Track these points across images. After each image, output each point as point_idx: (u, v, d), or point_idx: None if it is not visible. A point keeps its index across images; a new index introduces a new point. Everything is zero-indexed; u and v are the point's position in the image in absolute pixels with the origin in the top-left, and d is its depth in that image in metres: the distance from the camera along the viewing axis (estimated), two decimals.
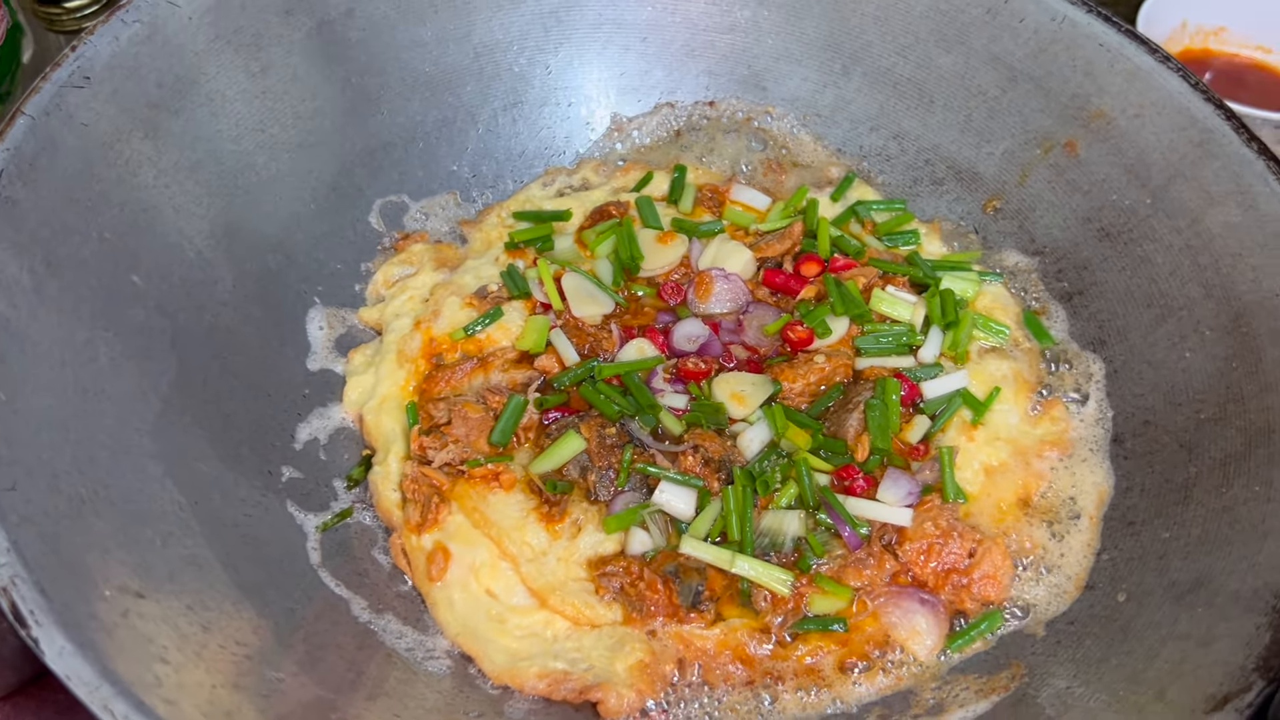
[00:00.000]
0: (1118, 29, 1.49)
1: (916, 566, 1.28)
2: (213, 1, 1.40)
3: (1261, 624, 1.05)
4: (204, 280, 1.36)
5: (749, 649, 1.23)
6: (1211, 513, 1.22)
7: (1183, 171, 1.42)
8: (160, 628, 1.04)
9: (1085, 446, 1.39)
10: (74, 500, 1.07)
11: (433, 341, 1.44)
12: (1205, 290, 1.37)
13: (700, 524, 1.29)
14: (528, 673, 1.21)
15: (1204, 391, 1.32)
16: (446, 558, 1.27)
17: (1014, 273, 1.56)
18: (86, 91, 1.28)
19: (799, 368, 1.41)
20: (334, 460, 1.40)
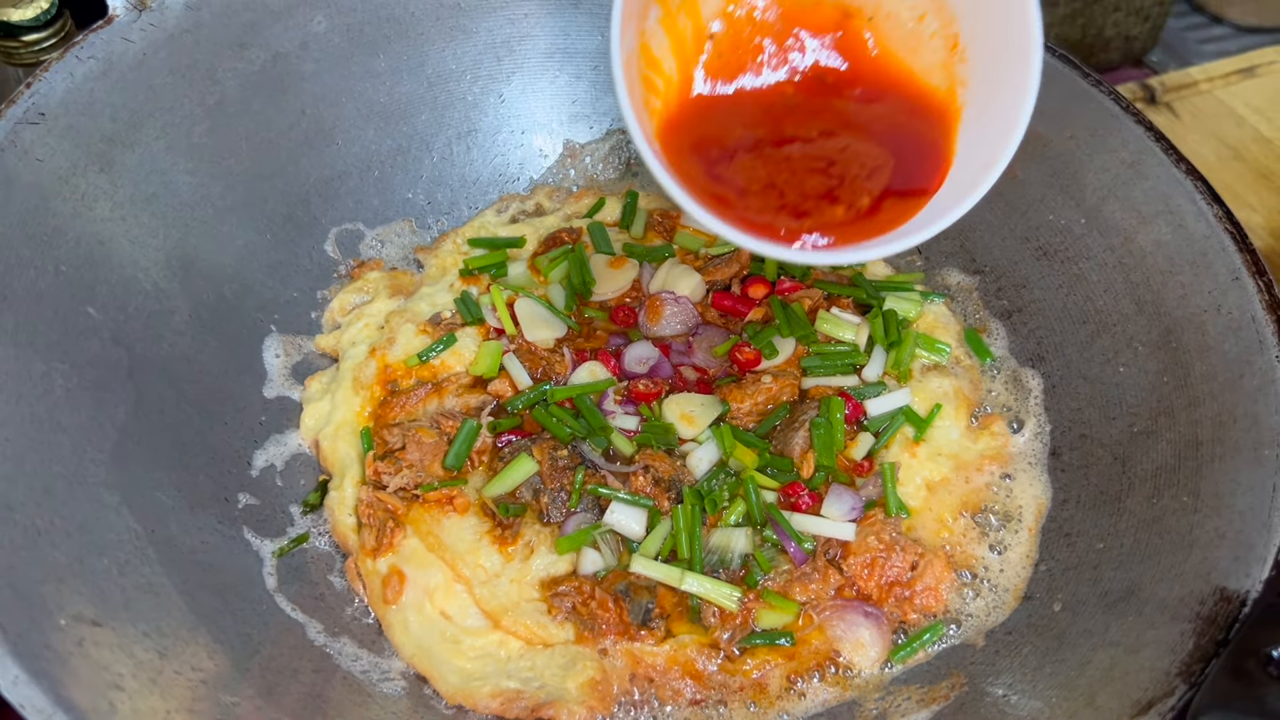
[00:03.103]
0: (1052, 54, 1.54)
1: (861, 580, 1.31)
2: (166, 37, 1.42)
3: (1186, 630, 1.09)
4: (160, 310, 1.38)
5: (698, 664, 1.26)
6: (1142, 523, 1.26)
7: (1115, 192, 1.47)
8: (116, 655, 1.06)
9: (1024, 460, 1.43)
10: (30, 531, 1.09)
11: (388, 368, 1.46)
12: (1137, 307, 1.41)
13: (650, 543, 1.32)
14: (481, 692, 1.23)
15: (1137, 405, 1.36)
16: (401, 581, 1.30)
17: (955, 291, 1.61)
18: (41, 127, 1.30)
19: (747, 388, 1.44)
20: (290, 486, 1.42)
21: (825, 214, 1.16)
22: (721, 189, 1.15)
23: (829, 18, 1.22)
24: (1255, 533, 1.13)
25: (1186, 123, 2.28)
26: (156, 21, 1.41)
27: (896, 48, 1.23)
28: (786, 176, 1.17)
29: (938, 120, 1.21)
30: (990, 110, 1.19)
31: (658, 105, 1.19)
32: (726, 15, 1.20)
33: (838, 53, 1.23)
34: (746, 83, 1.22)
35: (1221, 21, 2.74)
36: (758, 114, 1.19)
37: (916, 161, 1.19)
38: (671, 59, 1.19)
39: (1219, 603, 1.09)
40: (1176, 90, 2.34)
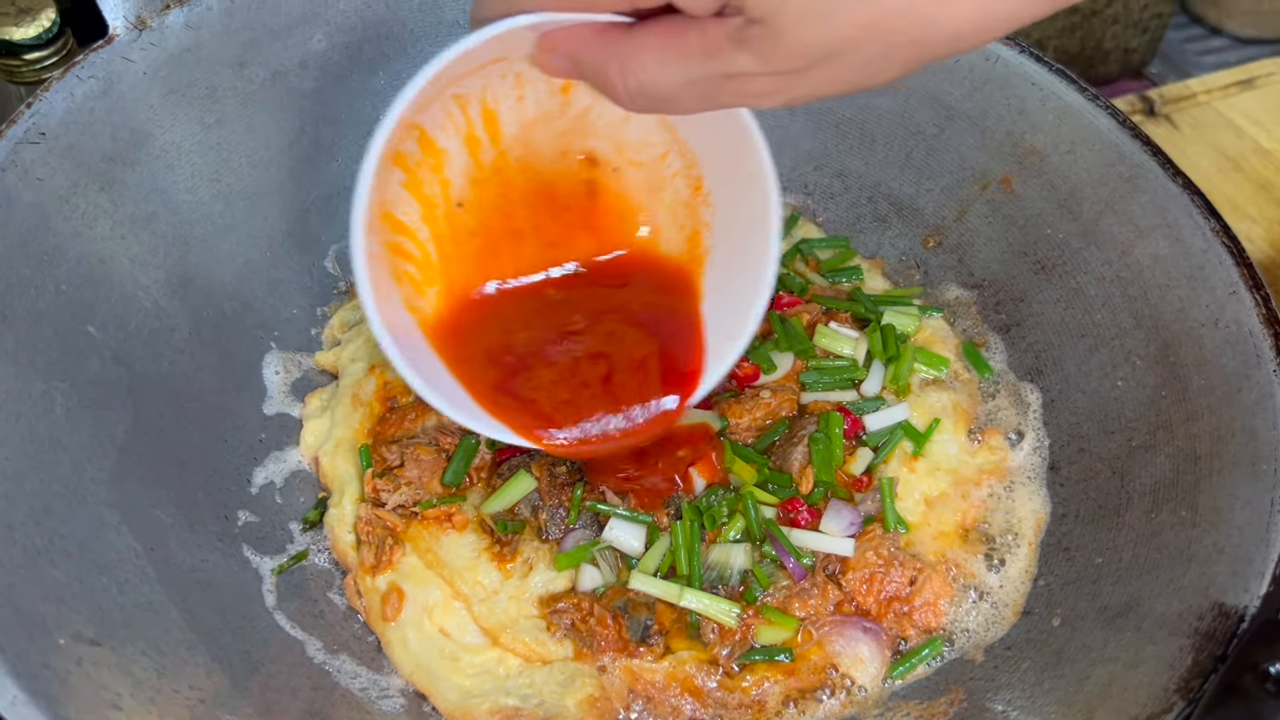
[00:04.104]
0: (1049, 68, 1.55)
1: (859, 595, 1.31)
2: (166, 56, 1.43)
3: (1185, 646, 1.09)
4: (160, 329, 1.39)
5: (697, 681, 1.26)
6: (1141, 537, 1.26)
7: (1112, 205, 1.47)
8: (114, 674, 1.06)
9: (1023, 474, 1.43)
10: (29, 550, 1.09)
11: (387, 385, 1.47)
12: (1135, 320, 1.42)
13: (649, 559, 1.32)
14: (480, 709, 1.23)
15: (1135, 419, 1.37)
16: (401, 598, 1.30)
17: (954, 306, 1.61)
18: (42, 147, 1.31)
19: (745, 403, 1.45)
20: (290, 503, 1.42)
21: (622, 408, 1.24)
22: (517, 399, 1.21)
23: (577, 175, 1.23)
24: (1253, 547, 1.13)
25: (1186, 134, 2.29)
26: (157, 41, 1.42)
27: (641, 194, 1.25)
28: (573, 382, 1.23)
29: (684, 288, 1.25)
30: (738, 251, 1.21)
31: (422, 294, 1.21)
32: (474, 180, 1.21)
33: (588, 231, 1.26)
34: (511, 277, 1.25)
35: (1220, 33, 2.75)
36: (531, 316, 1.24)
37: (676, 336, 1.24)
38: (425, 227, 1.20)
39: (1217, 618, 1.09)
40: (1176, 102, 2.35)
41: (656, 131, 1.20)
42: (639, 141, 1.21)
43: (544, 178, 1.22)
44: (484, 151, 1.18)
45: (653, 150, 1.22)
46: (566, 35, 0.97)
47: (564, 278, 1.25)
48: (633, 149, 1.21)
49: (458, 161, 1.18)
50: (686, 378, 1.24)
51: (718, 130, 1.12)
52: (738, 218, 1.19)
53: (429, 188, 1.18)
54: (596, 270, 1.26)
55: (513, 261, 1.24)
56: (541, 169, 1.21)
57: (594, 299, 1.25)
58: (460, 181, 1.19)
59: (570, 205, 1.24)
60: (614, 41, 0.93)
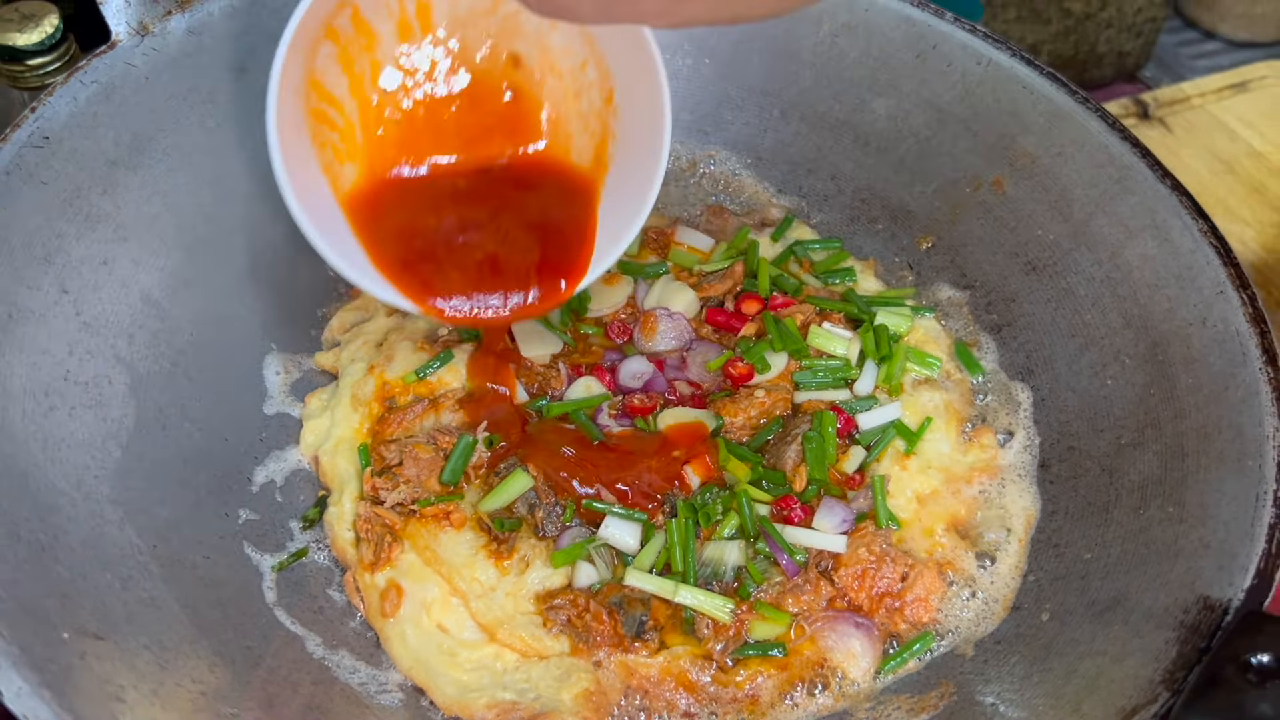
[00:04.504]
0: (1039, 71, 1.57)
1: (852, 591, 1.33)
2: (168, 61, 1.45)
3: (1170, 639, 1.11)
4: (162, 330, 1.41)
5: (691, 675, 1.28)
6: (1129, 534, 1.28)
7: (1102, 207, 1.49)
8: (118, 668, 1.08)
9: (1014, 472, 1.45)
10: (34, 547, 1.11)
11: (386, 385, 1.48)
12: (1125, 320, 1.43)
13: (645, 556, 1.33)
14: (477, 703, 1.25)
15: (1124, 417, 1.38)
16: (399, 594, 1.32)
17: (946, 306, 1.63)
18: (45, 150, 1.33)
19: (740, 402, 1.46)
20: (290, 502, 1.44)
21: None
22: (417, 273, 1.29)
23: (501, 78, 1.33)
24: (1239, 542, 1.15)
25: (1180, 137, 2.31)
26: (158, 46, 1.44)
27: (558, 103, 1.34)
28: (468, 264, 1.31)
29: (584, 194, 1.34)
30: (634, 163, 1.30)
31: (343, 163, 1.29)
32: (400, 66, 1.29)
33: (505, 134, 1.35)
34: (428, 160, 1.33)
35: (1214, 37, 2.77)
36: (441, 201, 1.33)
37: (569, 235, 1.33)
38: (351, 100, 1.27)
39: (1202, 611, 1.11)
40: (1169, 105, 2.36)
41: (578, 42, 1.29)
42: (561, 49, 1.31)
43: (471, 74, 1.31)
44: (415, 39, 1.27)
45: (573, 59, 1.30)
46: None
47: (475, 172, 1.34)
48: (556, 54, 1.31)
49: (388, 46, 1.26)
50: (572, 271, 1.32)
51: (627, 47, 1.23)
52: (638, 132, 1.28)
53: (359, 65, 1.26)
54: (506, 170, 1.35)
55: (431, 151, 1.32)
56: (470, 66, 1.31)
57: (499, 196, 1.34)
58: (389, 67, 1.28)
59: (491, 107, 1.33)
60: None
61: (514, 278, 1.31)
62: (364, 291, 1.28)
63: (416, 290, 1.26)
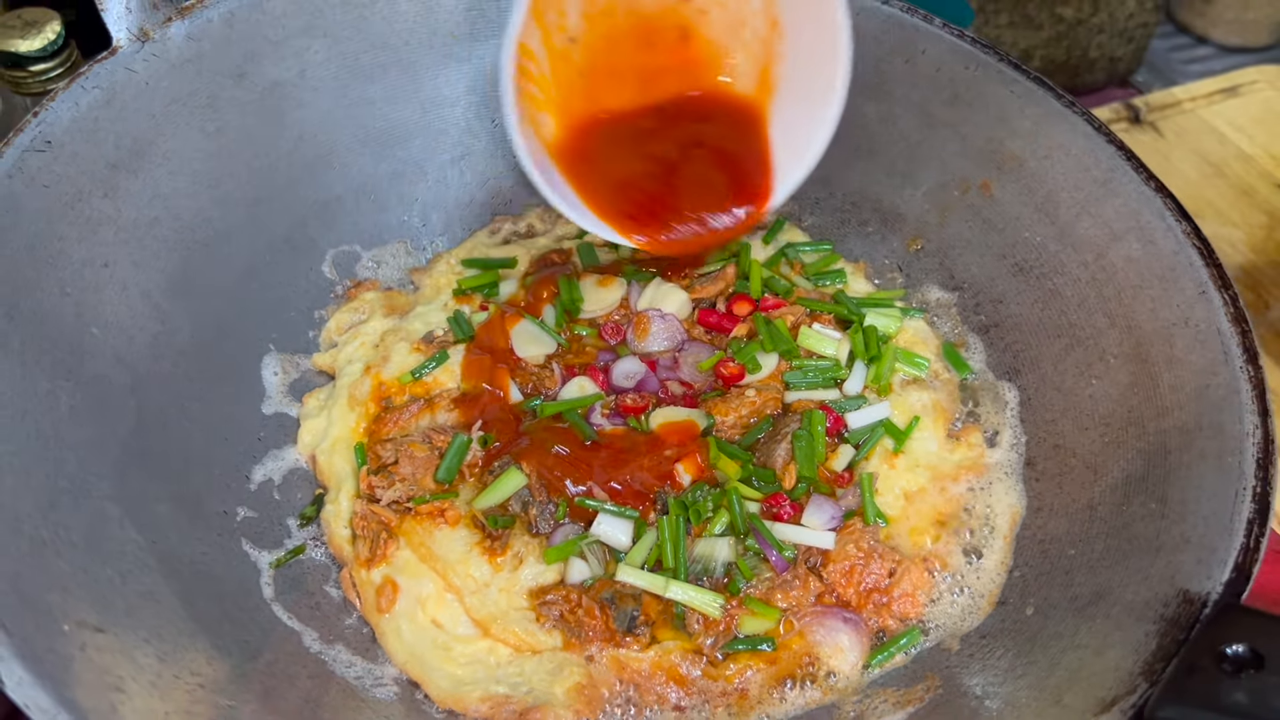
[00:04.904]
0: (1027, 76, 1.59)
1: (840, 587, 1.35)
2: (168, 67, 1.48)
3: (1150, 631, 1.12)
4: (162, 330, 1.43)
5: (682, 669, 1.30)
6: (1112, 529, 1.30)
7: (1088, 209, 1.51)
8: (117, 659, 1.10)
9: (1000, 470, 1.47)
10: (35, 541, 1.13)
11: (382, 385, 1.51)
12: (1110, 320, 1.45)
13: (636, 553, 1.36)
14: (471, 697, 1.27)
15: (1108, 416, 1.40)
16: (395, 590, 1.34)
17: (934, 307, 1.65)
18: (48, 155, 1.35)
19: (731, 402, 1.49)
20: (287, 500, 1.46)
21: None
22: (622, 210, 1.45)
23: (670, 16, 1.45)
24: (1218, 537, 1.17)
25: (1170, 141, 2.33)
26: (159, 51, 1.46)
27: (723, 36, 1.46)
28: (667, 197, 1.46)
29: (754, 119, 1.48)
30: (805, 82, 1.42)
31: (540, 111, 1.42)
32: (586, 16, 1.41)
33: (677, 72, 1.48)
34: (613, 105, 1.48)
35: (1206, 42, 2.79)
36: (630, 142, 1.47)
37: (749, 160, 1.48)
38: (543, 50, 1.40)
39: (1182, 604, 1.13)
40: (1161, 110, 2.39)
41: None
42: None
43: (643, 16, 1.43)
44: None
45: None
46: None
47: (654, 111, 1.48)
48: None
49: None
50: (758, 194, 1.47)
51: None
52: (808, 52, 1.39)
53: (548, 16, 1.36)
54: (681, 107, 1.48)
55: (615, 98, 1.46)
56: (641, 8, 1.43)
57: (681, 131, 1.48)
58: (574, 15, 1.40)
59: (663, 47, 1.45)
60: None
61: (706, 204, 1.44)
62: (585, 229, 1.42)
63: (625, 225, 1.41)
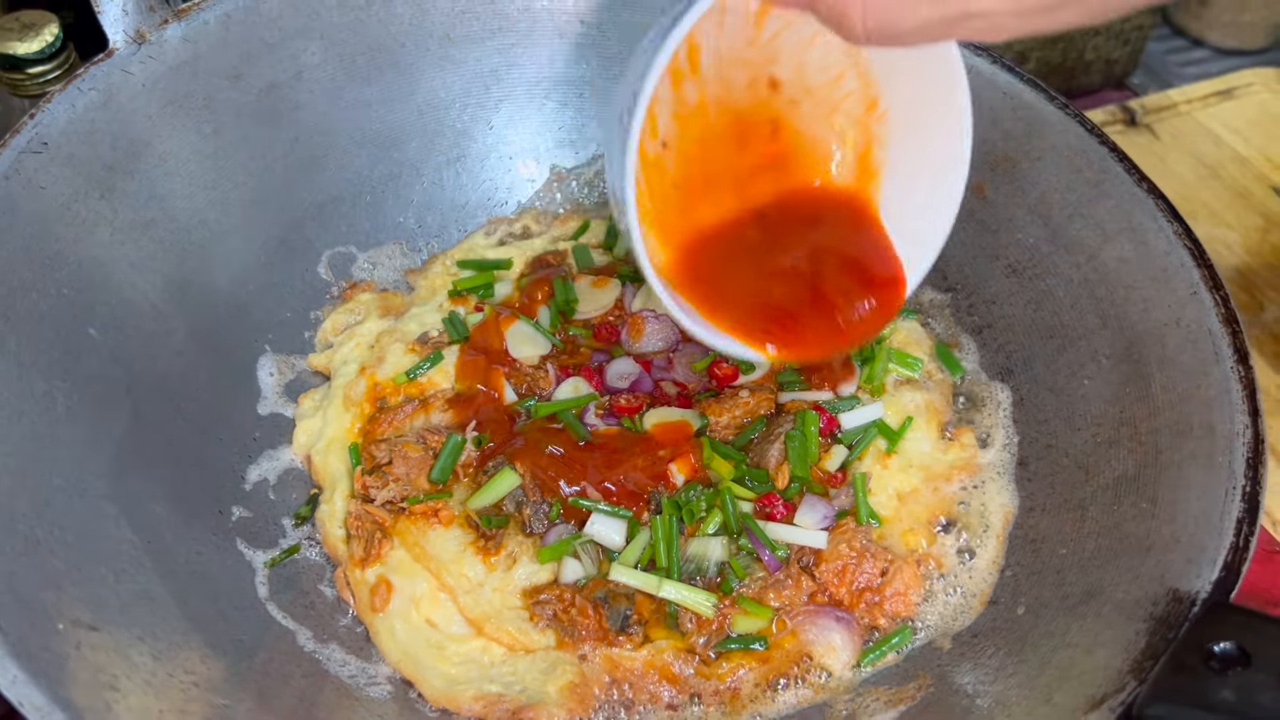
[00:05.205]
0: (1020, 78, 1.59)
1: (832, 586, 1.35)
2: (165, 69, 1.48)
3: (1140, 630, 1.13)
4: (158, 331, 1.44)
5: (675, 668, 1.30)
6: (1104, 529, 1.31)
7: (1080, 210, 1.52)
8: (112, 658, 1.11)
9: (993, 470, 1.47)
10: (30, 540, 1.14)
11: (377, 386, 1.51)
12: (1102, 321, 1.46)
13: (630, 552, 1.36)
14: (464, 695, 1.28)
15: (1100, 416, 1.41)
16: (389, 590, 1.35)
17: (928, 308, 1.66)
18: (44, 156, 1.36)
19: (725, 402, 1.49)
20: (282, 500, 1.47)
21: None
22: (752, 329, 1.28)
23: (762, 111, 1.30)
24: (1207, 536, 1.17)
25: (1166, 143, 2.33)
26: (155, 54, 1.47)
27: (816, 126, 1.31)
28: (796, 312, 1.30)
29: (861, 210, 1.34)
30: (916, 162, 1.28)
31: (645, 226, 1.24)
32: (678, 116, 1.26)
33: (772, 171, 1.33)
34: (715, 223, 1.31)
35: (1202, 45, 2.79)
36: (741, 259, 1.31)
37: (870, 256, 1.33)
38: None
39: (1171, 603, 1.13)
40: (1156, 112, 2.39)
41: (838, 54, 1.25)
42: (818, 64, 1.27)
43: (735, 114, 1.29)
44: (686, 85, 1.23)
45: (831, 72, 1.27)
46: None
47: (758, 219, 1.33)
48: (812, 72, 1.27)
49: (663, 95, 1.22)
50: (890, 284, 1.32)
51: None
52: (917, 129, 1.27)
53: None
54: (784, 210, 1.34)
55: (713, 209, 1.31)
56: (733, 104, 1.28)
57: (792, 238, 1.33)
58: (665, 118, 1.25)
59: (755, 145, 1.31)
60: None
61: (841, 310, 1.30)
62: (734, 355, 1.29)
63: (760, 340, 1.27)
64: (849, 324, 1.29)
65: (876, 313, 1.30)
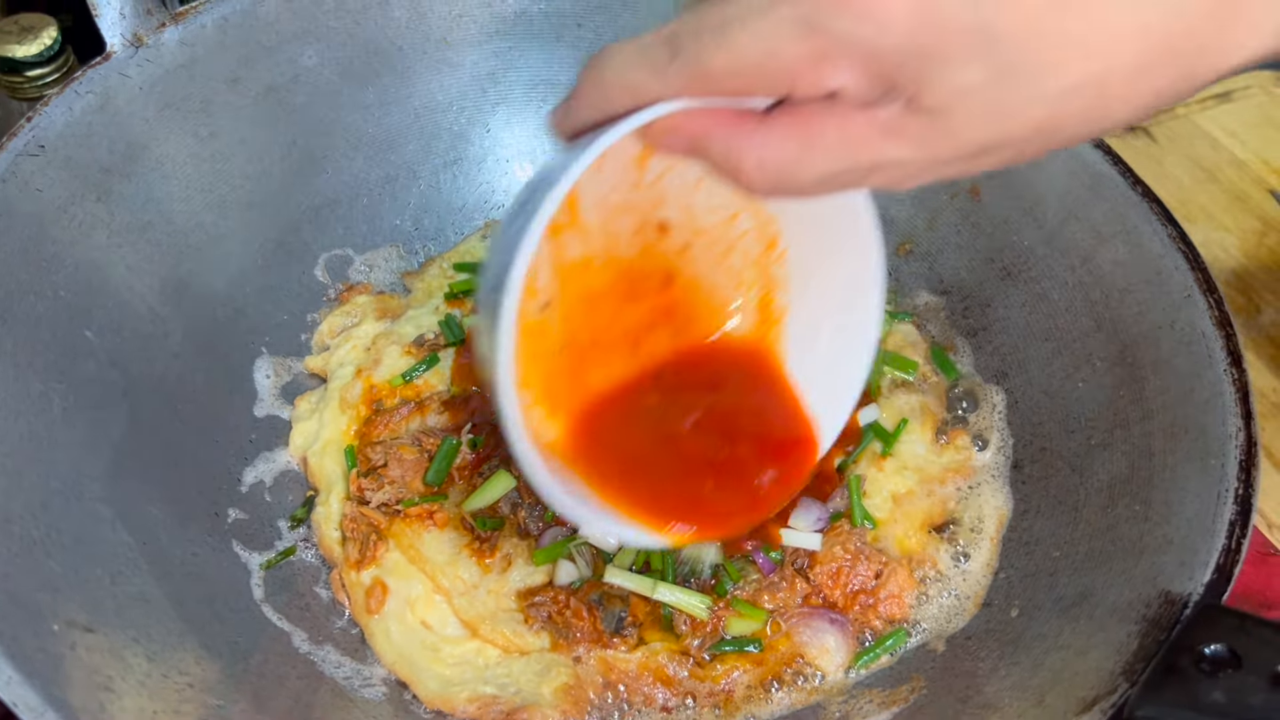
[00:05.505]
0: None
1: (827, 588, 1.36)
2: (162, 72, 1.49)
3: (1132, 632, 1.13)
4: (155, 334, 1.44)
5: (669, 670, 1.30)
6: (1097, 531, 1.31)
7: (1075, 213, 1.52)
8: (106, 659, 1.11)
9: (987, 473, 1.47)
10: (26, 542, 1.14)
11: (373, 388, 1.52)
12: (1096, 324, 1.46)
13: (624, 555, 1.36)
14: (459, 697, 1.28)
15: (1094, 419, 1.41)
16: (384, 592, 1.35)
17: (923, 311, 1.66)
18: (41, 159, 1.36)
19: None
20: (278, 502, 1.47)
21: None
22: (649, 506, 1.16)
23: (652, 259, 1.16)
24: (1200, 538, 1.17)
25: (1164, 146, 2.33)
26: (152, 57, 1.47)
27: (709, 270, 1.19)
28: (694, 482, 1.20)
29: (764, 362, 1.23)
30: (825, 302, 1.18)
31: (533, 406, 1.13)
32: (559, 272, 1.11)
33: (667, 328, 1.21)
34: (608, 389, 1.19)
35: None
36: (645, 427, 1.20)
37: (775, 413, 1.22)
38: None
39: (1163, 605, 1.14)
40: (1154, 115, 2.39)
41: (729, 192, 1.04)
42: (709, 204, 1.13)
43: (622, 264, 1.14)
44: (566, 237, 1.08)
45: (722, 211, 1.14)
46: (694, 119, 0.88)
47: (654, 380, 1.21)
48: (703, 212, 1.13)
49: (542, 250, 1.04)
50: (801, 445, 1.22)
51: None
52: (821, 266, 1.15)
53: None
54: (682, 368, 1.22)
55: (603, 373, 1.19)
56: (619, 254, 1.13)
57: (691, 400, 1.21)
58: (545, 275, 1.09)
59: (648, 297, 1.18)
60: (749, 132, 0.85)
61: (747, 480, 1.20)
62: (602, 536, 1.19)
63: (657, 521, 1.15)
64: (757, 494, 1.19)
65: (783, 480, 1.20)
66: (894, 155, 0.81)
